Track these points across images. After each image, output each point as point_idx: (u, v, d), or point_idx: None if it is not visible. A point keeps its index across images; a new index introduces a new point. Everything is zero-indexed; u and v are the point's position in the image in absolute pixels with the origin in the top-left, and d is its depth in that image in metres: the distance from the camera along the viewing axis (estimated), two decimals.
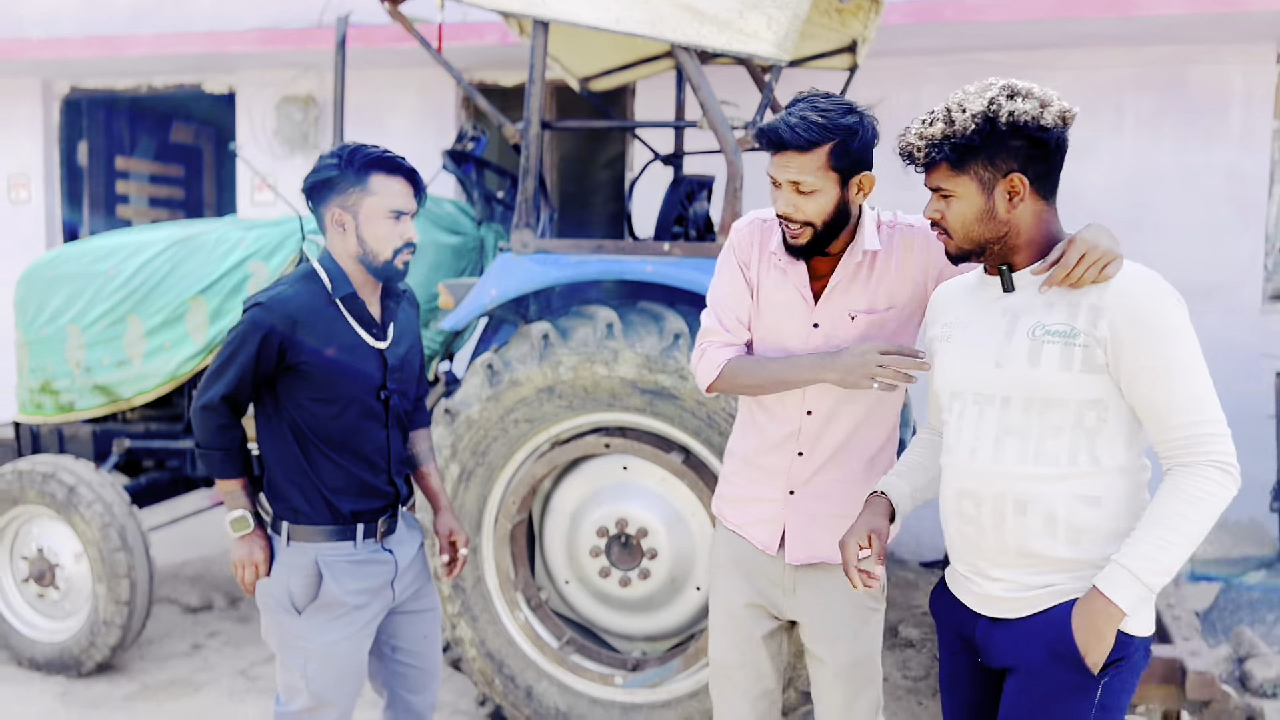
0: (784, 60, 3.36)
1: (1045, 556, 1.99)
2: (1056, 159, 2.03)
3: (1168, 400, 1.92)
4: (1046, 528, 1.98)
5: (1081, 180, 6.12)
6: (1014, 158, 1.98)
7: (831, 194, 2.26)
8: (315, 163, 2.53)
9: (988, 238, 2.04)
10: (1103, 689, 1.96)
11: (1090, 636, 1.92)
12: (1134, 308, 1.92)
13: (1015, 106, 1.94)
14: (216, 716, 4.12)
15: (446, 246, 4.51)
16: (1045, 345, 1.97)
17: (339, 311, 2.53)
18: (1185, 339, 1.92)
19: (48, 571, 4.41)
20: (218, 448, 2.54)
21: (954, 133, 1.98)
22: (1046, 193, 2.05)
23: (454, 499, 3.63)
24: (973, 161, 1.99)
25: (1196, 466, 1.90)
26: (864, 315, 2.35)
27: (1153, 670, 3.11)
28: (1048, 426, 1.98)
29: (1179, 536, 1.88)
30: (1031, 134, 1.96)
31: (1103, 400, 1.95)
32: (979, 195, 2.01)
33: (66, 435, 4.86)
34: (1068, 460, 1.97)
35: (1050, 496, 1.97)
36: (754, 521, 2.48)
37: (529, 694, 3.68)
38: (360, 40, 6.25)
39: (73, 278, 4.65)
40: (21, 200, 7.63)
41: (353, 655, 2.58)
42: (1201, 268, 5.99)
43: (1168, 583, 1.94)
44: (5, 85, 7.57)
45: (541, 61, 3.56)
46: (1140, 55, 6.01)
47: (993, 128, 1.95)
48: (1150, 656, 2.06)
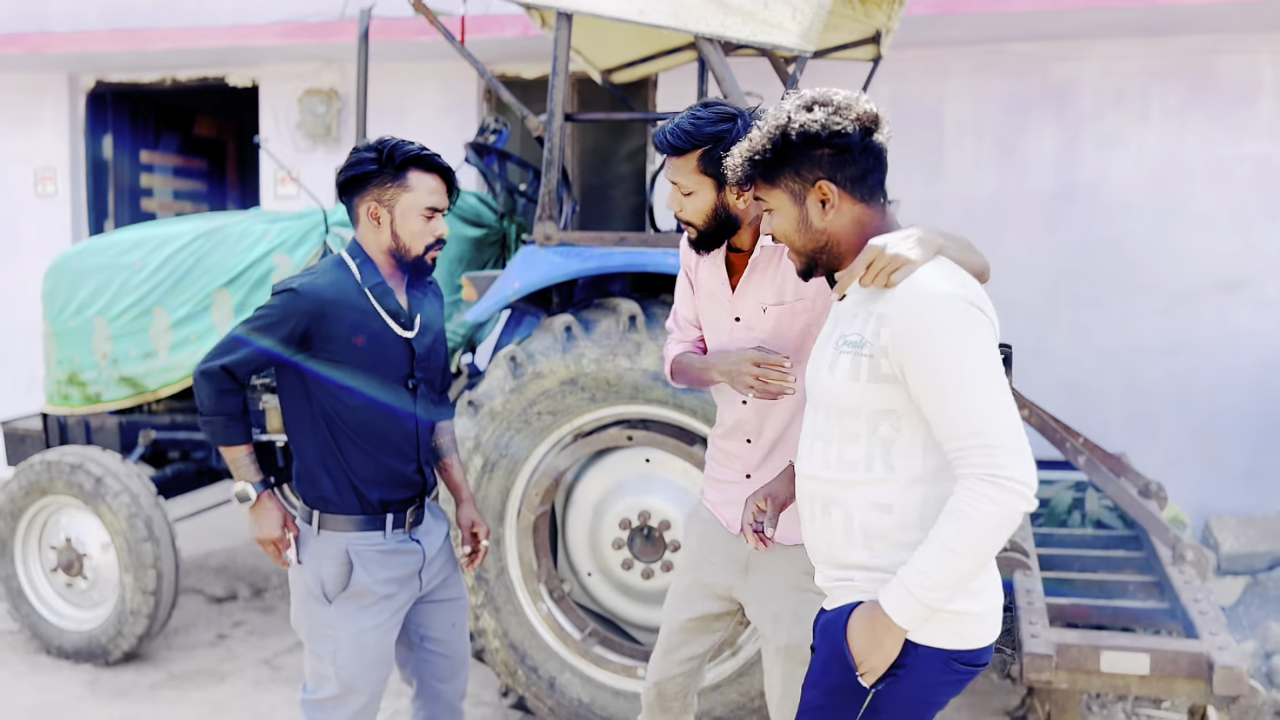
0: (808, 52, 3.34)
1: (844, 560, 2.03)
2: (869, 161, 2.01)
3: (941, 412, 1.88)
4: (845, 531, 2.01)
5: (1107, 172, 6.07)
6: (819, 166, 2.00)
7: (707, 196, 2.41)
8: (350, 156, 2.54)
9: (810, 247, 2.06)
10: (875, 694, 1.97)
11: (866, 644, 1.94)
12: (907, 316, 1.89)
13: (805, 118, 1.97)
14: (241, 705, 4.15)
15: (469, 239, 4.52)
16: (841, 355, 1.99)
17: (368, 300, 2.54)
18: (959, 347, 1.86)
19: (75, 561, 4.45)
20: (218, 413, 2.52)
21: (754, 150, 2.03)
22: (865, 196, 2.03)
23: (477, 491, 3.64)
24: (781, 175, 2.03)
25: (966, 480, 1.86)
26: (774, 307, 2.45)
27: (1179, 665, 3.09)
28: (845, 433, 2.00)
29: (946, 552, 1.85)
30: (829, 142, 1.97)
31: (896, 410, 1.95)
32: (792, 206, 2.04)
33: (94, 426, 4.90)
34: (864, 467, 1.98)
35: (849, 501, 2.00)
36: (723, 502, 2.61)
37: (551, 685, 3.69)
38: (382, 33, 6.25)
39: (99, 270, 4.69)
40: (48, 194, 7.69)
41: (381, 644, 2.59)
42: (1230, 261, 5.93)
43: (945, 598, 1.87)
44: (31, 80, 7.62)
45: (565, 54, 3.56)
46: (1168, 45, 5.95)
47: (786, 141, 1.99)
48: (961, 670, 1.99)
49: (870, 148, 2.00)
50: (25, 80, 7.63)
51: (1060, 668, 3.16)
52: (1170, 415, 6.04)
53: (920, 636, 1.94)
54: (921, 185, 6.28)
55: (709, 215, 2.43)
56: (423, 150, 2.53)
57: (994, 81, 6.19)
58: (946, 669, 1.97)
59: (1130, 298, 6.06)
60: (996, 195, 6.21)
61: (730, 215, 2.43)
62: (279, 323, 2.46)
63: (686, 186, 2.41)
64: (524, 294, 3.61)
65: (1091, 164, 6.10)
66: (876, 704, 1.98)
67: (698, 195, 2.41)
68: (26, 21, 7.38)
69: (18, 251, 7.72)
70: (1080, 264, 6.12)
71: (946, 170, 6.26)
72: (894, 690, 1.97)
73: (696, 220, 2.44)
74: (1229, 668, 3.01)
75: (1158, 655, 3.11)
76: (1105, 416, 6.08)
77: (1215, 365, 5.95)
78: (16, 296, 7.66)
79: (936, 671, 1.97)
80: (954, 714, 4.08)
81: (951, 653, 1.96)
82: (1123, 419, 6.09)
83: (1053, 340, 6.15)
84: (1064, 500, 4.86)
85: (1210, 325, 5.97)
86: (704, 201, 2.42)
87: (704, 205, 2.42)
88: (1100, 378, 6.11)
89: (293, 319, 2.45)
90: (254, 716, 4.07)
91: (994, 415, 1.84)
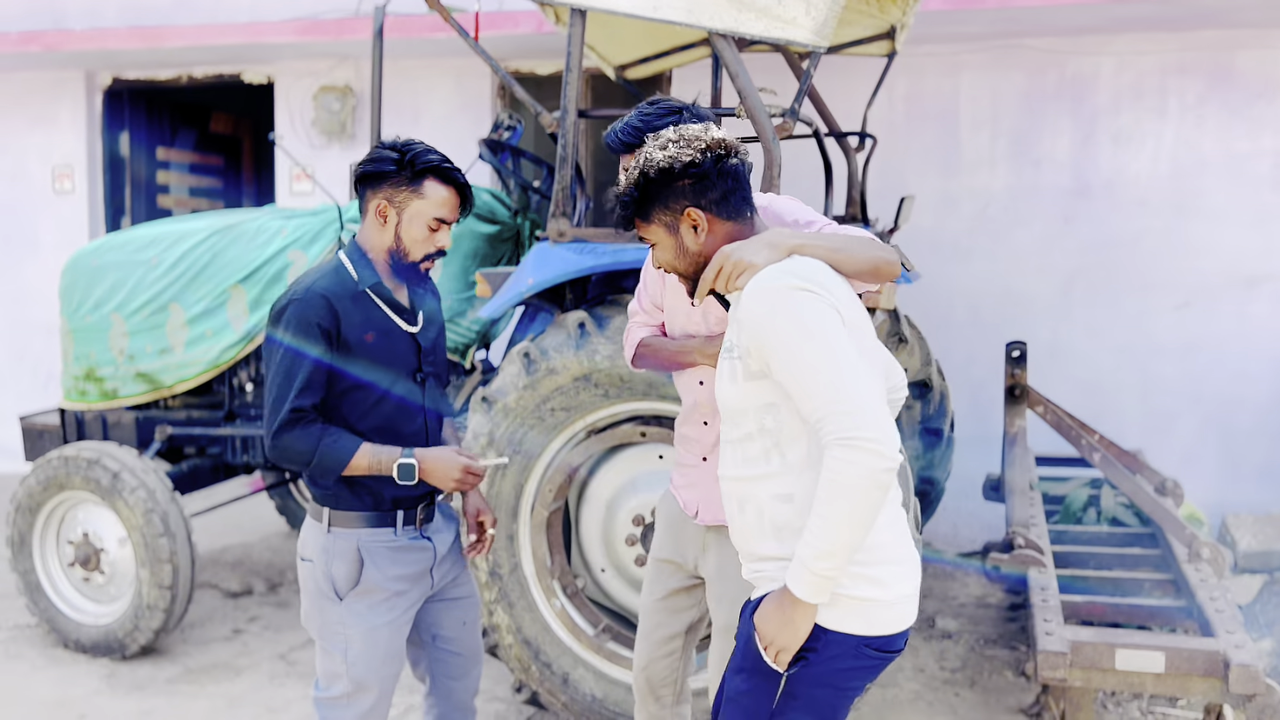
0: (823, 47, 3.33)
1: (760, 552, 2.13)
2: (727, 184, 2.15)
3: (795, 390, 1.99)
4: (757, 525, 2.12)
5: (1124, 168, 6.04)
6: (683, 196, 2.14)
7: None
8: (373, 150, 2.53)
9: (693, 270, 2.20)
10: (788, 678, 2.06)
11: (776, 624, 2.02)
12: (749, 311, 2.03)
13: (659, 156, 2.13)
14: (257, 700, 4.17)
15: (483, 235, 4.52)
16: (723, 362, 2.14)
17: (371, 298, 2.54)
18: (795, 328, 1.97)
19: (93, 556, 4.48)
20: (314, 448, 2.43)
21: (623, 194, 2.19)
22: (731, 214, 2.18)
23: (490, 486, 3.65)
24: (652, 211, 2.18)
25: (828, 448, 1.94)
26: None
27: (1195, 663, 3.08)
28: (743, 434, 2.12)
29: (823, 520, 1.93)
30: (685, 173, 2.12)
31: (774, 403, 2.06)
32: (669, 237, 2.19)
33: (110, 422, 4.93)
34: (764, 462, 2.09)
35: (757, 496, 2.11)
36: (684, 485, 2.69)
37: (565, 681, 3.69)
38: (397, 30, 6.26)
39: (116, 267, 4.72)
40: (66, 191, 7.74)
41: (393, 641, 2.60)
42: (1249, 257, 5.88)
43: (839, 566, 1.95)
44: (49, 77, 7.67)
45: (579, 50, 3.56)
46: (1186, 40, 5.91)
47: (647, 179, 2.14)
48: (873, 656, 2.07)
49: (725, 170, 2.14)
50: (42, 78, 7.68)
51: (1075, 665, 3.15)
52: (1187, 412, 6.01)
53: (829, 621, 2.03)
54: (937, 180, 6.26)
55: None
56: (444, 162, 2.51)
57: (1010, 77, 6.16)
58: (858, 654, 2.05)
59: (1147, 294, 6.03)
60: (1012, 191, 6.18)
61: None
62: (300, 336, 2.43)
63: None
64: (538, 290, 3.61)
65: (1108, 160, 6.06)
66: (791, 688, 2.07)
67: None
68: (43, 19, 7.43)
69: (36, 248, 7.77)
70: (1096, 260, 6.08)
71: (962, 166, 6.23)
72: (806, 673, 2.05)
73: None
74: (1245, 666, 2.99)
75: (1173, 653, 3.10)
76: (1121, 413, 6.04)
77: (1232, 362, 5.92)
78: (34, 293, 7.72)
79: (847, 656, 2.05)
80: (968, 711, 4.07)
81: (862, 638, 2.05)
82: (1139, 416, 6.06)
83: (1068, 337, 6.12)
84: (1080, 497, 4.84)
85: (1228, 322, 5.93)
86: None
87: None
88: (1116, 375, 6.08)
89: (313, 320, 2.43)
90: (269, 711, 4.09)
91: (841, 384, 1.93)
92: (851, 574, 2.02)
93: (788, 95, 4.68)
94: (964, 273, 6.22)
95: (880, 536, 2.06)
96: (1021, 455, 4.55)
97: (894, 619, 2.07)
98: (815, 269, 2.06)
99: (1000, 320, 6.16)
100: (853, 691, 2.11)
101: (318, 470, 2.46)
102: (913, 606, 2.12)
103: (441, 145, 2.59)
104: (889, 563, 2.07)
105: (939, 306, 6.17)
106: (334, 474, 2.47)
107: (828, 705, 2.09)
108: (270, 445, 2.46)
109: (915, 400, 5.08)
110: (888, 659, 2.11)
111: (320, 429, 2.46)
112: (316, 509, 2.58)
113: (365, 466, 2.47)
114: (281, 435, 2.43)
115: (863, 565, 2.03)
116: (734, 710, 2.16)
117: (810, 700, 2.07)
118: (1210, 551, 3.90)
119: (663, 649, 2.78)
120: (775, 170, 3.43)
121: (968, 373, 6.05)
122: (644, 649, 2.80)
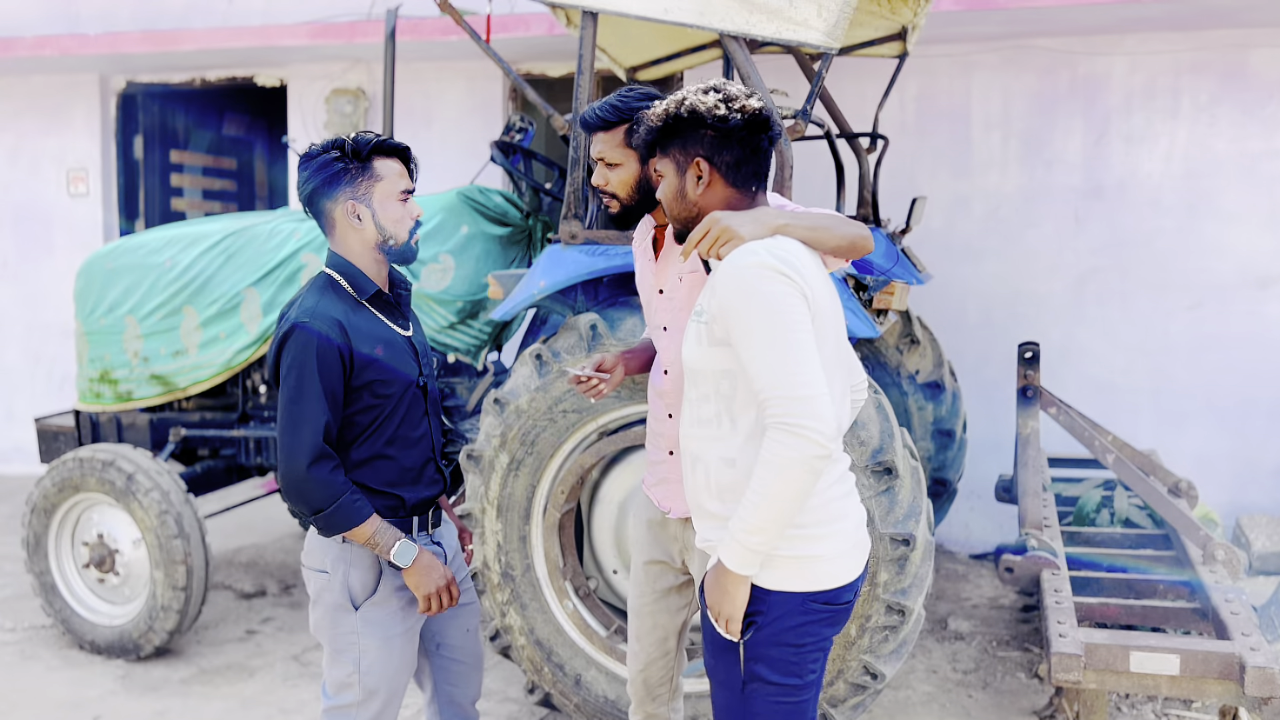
0: (834, 49, 3.33)
1: (706, 509, 2.23)
2: (745, 152, 2.22)
3: (748, 365, 2.08)
4: (705, 483, 2.23)
5: (1136, 168, 6.02)
6: (701, 145, 2.22)
7: (631, 168, 2.58)
8: (309, 164, 2.47)
9: (684, 217, 2.29)
10: (745, 645, 2.16)
11: (717, 596, 2.14)
12: (724, 284, 2.10)
13: (698, 99, 2.21)
14: (270, 701, 4.19)
15: (495, 238, 4.53)
16: (692, 324, 2.22)
17: (370, 311, 2.53)
18: (760, 309, 2.05)
19: (107, 557, 4.51)
20: (334, 499, 2.38)
21: (653, 118, 2.26)
22: (737, 182, 2.25)
23: (503, 488, 3.65)
24: (670, 146, 2.26)
25: (769, 429, 2.03)
26: (689, 275, 2.55)
27: (1211, 666, 3.07)
28: (700, 394, 2.23)
29: (757, 497, 2.03)
30: (712, 125, 2.19)
31: (731, 371, 2.15)
32: (675, 176, 2.27)
33: (125, 424, 4.95)
34: (715, 424, 2.20)
35: (706, 456, 2.22)
36: (655, 482, 2.71)
37: (578, 682, 3.70)
38: (409, 33, 6.29)
39: (130, 269, 4.74)
40: (80, 194, 7.78)
41: (406, 651, 2.58)
42: (1262, 257, 5.86)
43: (768, 541, 2.07)
44: (63, 81, 7.72)
45: (590, 52, 3.56)
46: (1198, 39, 5.89)
47: (678, 116, 2.22)
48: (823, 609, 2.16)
49: (750, 141, 2.21)
50: (57, 81, 7.73)
51: (1089, 667, 3.14)
52: (1200, 413, 5.98)
53: (770, 582, 2.13)
54: (948, 181, 6.25)
55: (633, 188, 2.59)
56: (379, 136, 2.51)
57: (1022, 77, 6.14)
58: (805, 609, 2.15)
59: (1159, 295, 6.01)
60: (1024, 191, 6.17)
61: (652, 189, 2.55)
62: (309, 361, 2.37)
63: (613, 159, 2.57)
64: (549, 292, 3.61)
65: (1120, 160, 6.04)
66: (750, 653, 2.16)
67: (623, 168, 2.58)
68: (58, 24, 7.48)
69: (50, 251, 7.82)
70: (1109, 261, 6.07)
71: (974, 166, 6.22)
72: (759, 637, 2.15)
73: (621, 193, 2.60)
74: (1262, 669, 2.98)
75: (1188, 656, 3.09)
76: (1134, 414, 6.02)
77: (1246, 362, 5.89)
78: (49, 296, 7.77)
79: (795, 613, 2.14)
80: (981, 713, 4.06)
81: (806, 594, 2.14)
82: (1152, 417, 6.04)
83: (1081, 338, 6.10)
84: (1093, 499, 4.83)
85: (1241, 322, 5.90)
86: (629, 174, 2.58)
87: (629, 178, 2.58)
88: (1129, 376, 6.06)
89: (316, 346, 2.37)
90: (282, 712, 4.10)
91: (789, 369, 2.02)
92: (788, 536, 2.11)
93: (799, 97, 4.69)
94: (976, 274, 6.21)
95: (819, 511, 2.15)
96: (1034, 456, 4.54)
97: (836, 573, 2.17)
98: (794, 252, 2.12)
99: (1012, 321, 6.15)
100: (813, 645, 2.18)
101: (323, 521, 2.39)
102: (857, 560, 2.22)
103: (453, 148, 2.62)
104: (826, 522, 2.16)
105: (951, 308, 6.16)
106: (335, 532, 2.42)
107: (790, 662, 2.17)
108: (296, 478, 2.37)
109: (928, 401, 5.07)
110: (839, 610, 2.20)
111: (344, 481, 2.41)
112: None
113: (367, 535, 2.43)
114: (311, 472, 2.36)
115: (799, 527, 2.12)
116: (715, 687, 2.26)
117: (771, 661, 2.16)
118: (1225, 553, 3.88)
119: (660, 649, 2.80)
120: (787, 171, 3.43)
121: (980, 374, 6.04)
122: (641, 651, 2.81)
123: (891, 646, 3.33)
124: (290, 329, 2.40)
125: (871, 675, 3.32)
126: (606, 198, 2.63)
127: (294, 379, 2.38)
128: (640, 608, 2.79)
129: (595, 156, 2.61)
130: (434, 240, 4.44)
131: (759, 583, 2.14)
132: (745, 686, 2.18)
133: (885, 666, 3.33)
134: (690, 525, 2.60)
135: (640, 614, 2.79)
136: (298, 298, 2.50)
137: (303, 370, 2.38)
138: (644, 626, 2.79)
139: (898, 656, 3.37)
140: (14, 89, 7.79)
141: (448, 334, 4.47)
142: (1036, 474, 4.44)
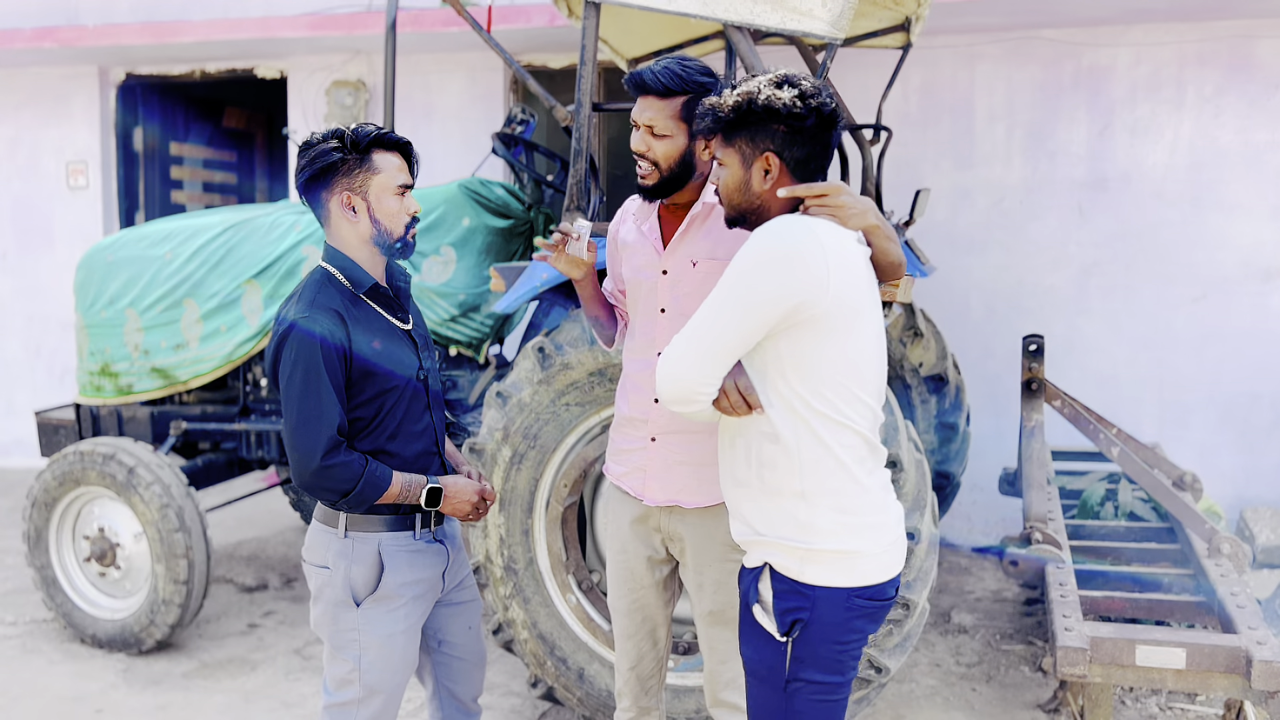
0: (838, 39, 3.30)
1: (740, 479, 2.23)
2: (815, 148, 2.20)
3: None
4: (746, 458, 2.22)
5: (1140, 160, 5.99)
6: (772, 139, 2.18)
7: (680, 142, 2.48)
8: (308, 151, 2.45)
9: (744, 208, 2.26)
10: (791, 643, 2.16)
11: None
12: (757, 234, 2.12)
13: (773, 93, 2.16)
14: (272, 694, 4.18)
15: (496, 230, 4.51)
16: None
17: (368, 305, 2.50)
18: (749, 258, 2.07)
19: (109, 551, 4.50)
20: (358, 478, 2.38)
21: (723, 107, 2.21)
22: (805, 178, 2.23)
23: (506, 482, 3.64)
24: (738, 136, 2.21)
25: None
26: (705, 261, 2.52)
27: (1217, 660, 3.05)
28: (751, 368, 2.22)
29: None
30: (786, 120, 2.16)
31: (762, 344, 2.16)
32: (740, 168, 2.23)
33: (125, 417, 4.94)
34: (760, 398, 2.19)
35: (748, 431, 2.21)
36: (628, 471, 2.67)
37: (581, 676, 3.69)
38: (410, 24, 6.26)
39: (130, 262, 4.73)
40: (80, 186, 7.76)
41: (408, 648, 2.57)
42: (1267, 249, 5.84)
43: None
44: (63, 73, 7.69)
45: (593, 43, 3.54)
46: (1204, 30, 5.86)
47: (750, 108, 2.17)
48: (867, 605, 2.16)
49: (820, 138, 2.19)
50: (56, 73, 7.70)
51: (1094, 661, 3.13)
52: (1204, 405, 5.97)
53: (816, 578, 2.13)
54: (951, 173, 6.22)
55: (675, 161, 2.49)
56: (380, 130, 2.48)
57: (1025, 68, 6.12)
58: (849, 605, 2.14)
59: (1164, 287, 5.99)
60: (1028, 183, 6.15)
61: (691, 166, 2.50)
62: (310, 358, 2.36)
63: (663, 129, 2.47)
64: (552, 285, 3.60)
65: (1124, 152, 6.02)
66: (797, 652, 2.16)
67: (671, 141, 2.48)
68: (57, 15, 7.45)
69: (50, 244, 7.80)
70: (1113, 253, 6.04)
71: (977, 158, 6.20)
72: (806, 635, 2.15)
73: (664, 164, 2.49)
74: (1269, 662, 2.97)
75: (1194, 649, 3.08)
76: (1138, 407, 6.01)
77: (1250, 355, 5.87)
78: (49, 288, 7.75)
79: (839, 609, 2.14)
80: (985, 706, 4.05)
81: (851, 590, 2.14)
82: (1156, 409, 6.02)
83: (1085, 330, 6.08)
84: (1097, 492, 4.81)
85: (1245, 314, 5.88)
86: (675, 148, 2.48)
87: (674, 151, 2.48)
88: (1133, 368, 6.04)
89: (329, 338, 2.37)
90: (284, 705, 4.09)
91: (704, 328, 2.10)
92: (833, 529, 2.12)
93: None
94: (980, 266, 6.19)
95: (862, 498, 2.15)
96: (1038, 449, 4.52)
97: (879, 569, 2.17)
98: (844, 250, 2.11)
99: (1016, 314, 6.13)
100: (856, 642, 2.18)
101: (354, 500, 2.39)
102: (898, 555, 2.22)
103: (455, 140, 2.59)
104: (871, 511, 2.17)
105: (955, 300, 6.14)
106: (369, 504, 2.43)
107: (835, 659, 2.16)
108: (314, 472, 2.35)
109: (931, 394, 5.06)
110: (882, 606, 2.20)
111: (360, 459, 2.40)
112: (329, 514, 2.53)
113: (396, 494, 2.45)
114: (329, 463, 2.35)
115: (847, 513, 2.13)
116: (753, 681, 2.25)
117: (817, 659, 2.15)
118: (1230, 546, 3.87)
119: (650, 642, 2.78)
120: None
121: (984, 366, 6.02)
122: (631, 648, 2.77)
123: (896, 640, 3.33)
124: (289, 328, 2.38)
125: (876, 669, 3.31)
126: (646, 164, 2.51)
127: (299, 377, 2.36)
128: (628, 607, 2.75)
129: (643, 122, 2.49)
130: (435, 233, 4.42)
131: (804, 579, 2.13)
132: (788, 685, 2.17)
133: (890, 660, 3.32)
134: (669, 510, 2.60)
135: (629, 613, 2.76)
136: (294, 295, 2.48)
137: (307, 368, 2.36)
138: (633, 623, 2.76)
139: (902, 650, 3.36)
140: (13, 81, 7.77)
141: (449, 327, 4.45)
142: (1040, 467, 4.42)
